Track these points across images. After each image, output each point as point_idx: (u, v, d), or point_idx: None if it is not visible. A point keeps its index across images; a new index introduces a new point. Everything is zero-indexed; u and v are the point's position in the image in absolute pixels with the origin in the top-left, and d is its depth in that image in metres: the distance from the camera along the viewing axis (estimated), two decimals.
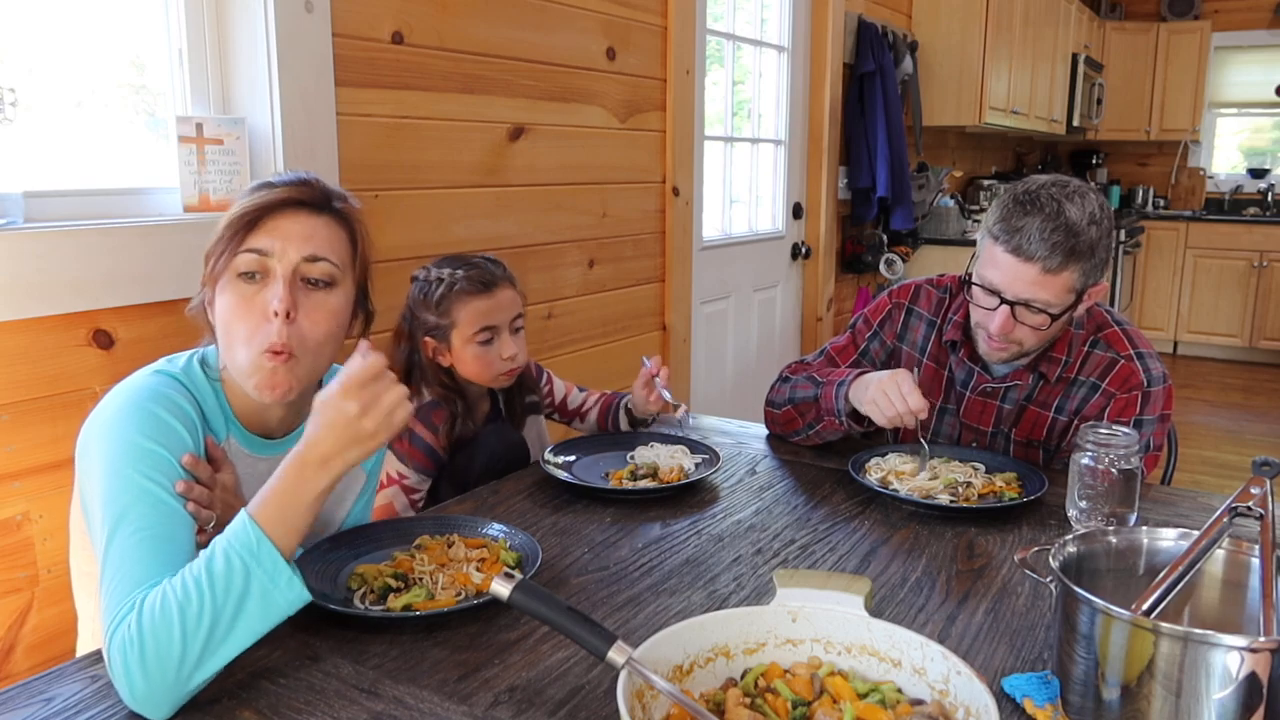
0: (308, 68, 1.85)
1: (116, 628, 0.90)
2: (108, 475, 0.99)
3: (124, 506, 0.97)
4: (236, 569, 0.91)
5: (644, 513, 1.45)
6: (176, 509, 1.00)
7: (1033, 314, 1.49)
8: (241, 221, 1.08)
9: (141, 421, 1.02)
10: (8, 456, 1.49)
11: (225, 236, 1.08)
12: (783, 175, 3.85)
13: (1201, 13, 6.90)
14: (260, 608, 0.92)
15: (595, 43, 2.61)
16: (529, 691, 0.96)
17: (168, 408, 1.05)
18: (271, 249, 1.08)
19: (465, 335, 1.63)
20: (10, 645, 1.52)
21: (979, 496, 1.47)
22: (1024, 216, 1.46)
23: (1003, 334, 1.52)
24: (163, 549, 0.97)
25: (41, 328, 1.51)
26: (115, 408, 1.04)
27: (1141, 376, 1.58)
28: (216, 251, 1.09)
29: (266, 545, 0.93)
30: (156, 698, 0.88)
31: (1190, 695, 0.81)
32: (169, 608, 0.90)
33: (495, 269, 1.68)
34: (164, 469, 1.01)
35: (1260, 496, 0.97)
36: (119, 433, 1.01)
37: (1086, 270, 1.48)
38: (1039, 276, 1.46)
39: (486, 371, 1.66)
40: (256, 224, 1.08)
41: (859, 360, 1.79)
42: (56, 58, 1.67)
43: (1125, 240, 6.12)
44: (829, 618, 0.90)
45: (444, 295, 1.63)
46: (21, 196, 1.54)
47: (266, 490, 0.97)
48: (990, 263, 1.51)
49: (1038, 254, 1.44)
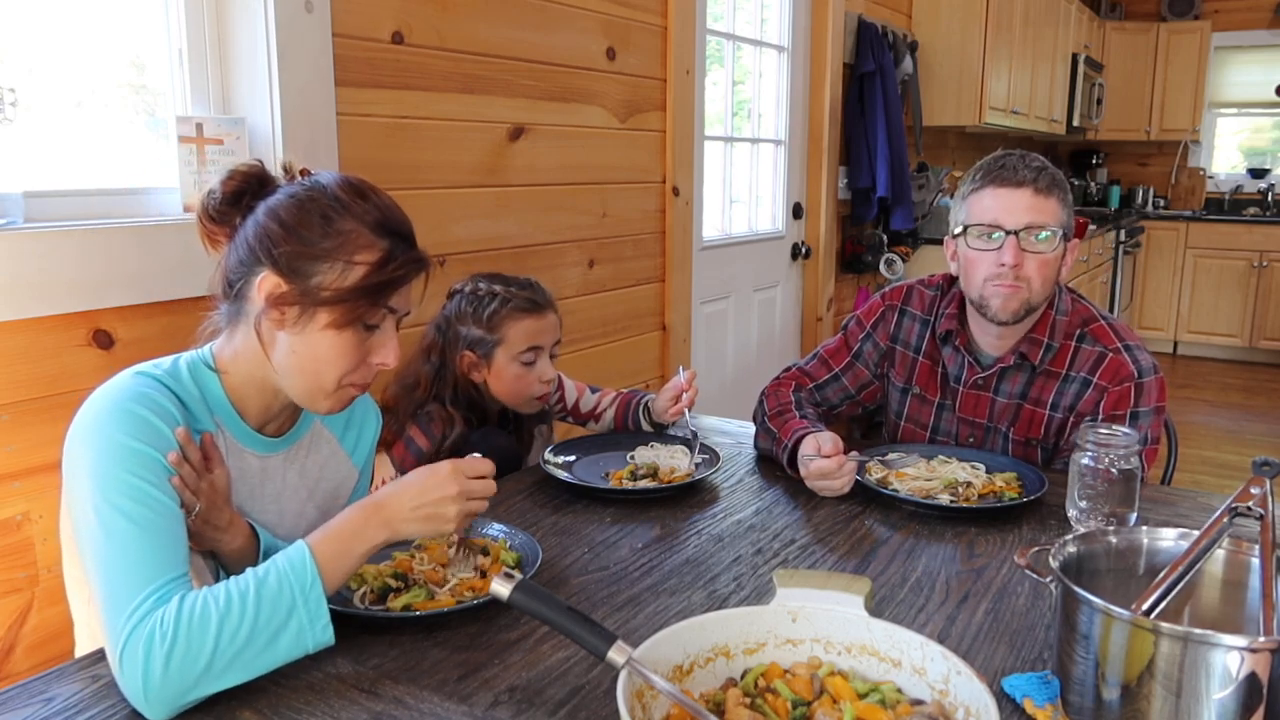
0: (308, 68, 1.85)
1: (140, 623, 0.90)
2: (96, 477, 0.99)
3: (116, 505, 0.97)
4: (284, 599, 0.94)
5: (644, 513, 1.45)
6: (169, 505, 1.00)
7: (1037, 240, 1.54)
8: (387, 282, 1.09)
9: (124, 422, 1.02)
10: (8, 456, 1.49)
11: (362, 287, 1.08)
12: (783, 175, 3.85)
13: (1201, 13, 6.90)
14: (291, 643, 0.94)
15: (595, 43, 2.61)
16: (529, 691, 0.96)
17: (150, 408, 1.04)
18: (399, 308, 1.13)
19: (512, 353, 1.63)
20: (10, 645, 1.52)
21: (979, 496, 1.47)
22: (1000, 160, 1.59)
23: (1015, 263, 1.53)
24: (161, 544, 0.97)
25: (41, 328, 1.51)
26: (96, 412, 1.03)
27: (1131, 368, 1.58)
28: (341, 293, 1.07)
29: (318, 585, 0.96)
30: (164, 698, 0.89)
31: (1190, 695, 0.81)
32: (208, 617, 0.91)
33: (545, 292, 1.70)
34: (152, 467, 1.01)
35: (1260, 496, 0.97)
36: (103, 435, 1.01)
37: (1066, 204, 1.58)
38: (1033, 198, 1.54)
39: (522, 393, 1.66)
40: (397, 288, 1.11)
41: (852, 362, 1.80)
42: (56, 58, 1.67)
43: (1125, 240, 6.13)
44: (829, 618, 0.90)
45: (496, 311, 1.63)
46: (21, 196, 1.54)
47: (331, 528, 1.01)
48: (980, 208, 1.58)
49: (1026, 178, 1.55)
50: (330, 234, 1.06)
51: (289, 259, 1.06)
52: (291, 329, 1.08)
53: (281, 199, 1.10)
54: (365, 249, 1.07)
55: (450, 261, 2.15)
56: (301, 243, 1.06)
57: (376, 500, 1.04)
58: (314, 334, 1.08)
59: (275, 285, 1.07)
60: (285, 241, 1.06)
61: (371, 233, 1.08)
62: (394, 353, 1.13)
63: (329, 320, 1.07)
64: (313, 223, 1.07)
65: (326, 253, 1.06)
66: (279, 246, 1.06)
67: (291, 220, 1.07)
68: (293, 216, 1.07)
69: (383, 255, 1.08)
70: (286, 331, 1.09)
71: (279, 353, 1.10)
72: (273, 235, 1.07)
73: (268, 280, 1.07)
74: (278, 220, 1.08)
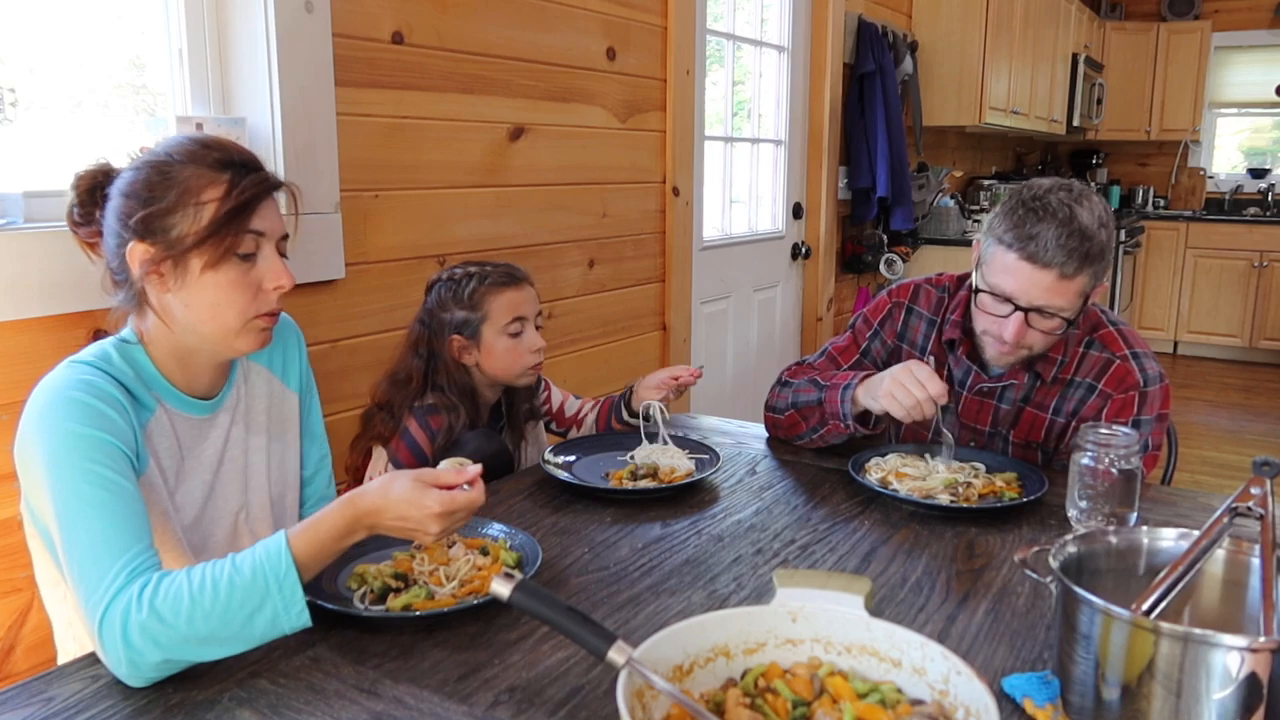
0: (308, 68, 1.85)
1: (113, 600, 0.94)
2: (51, 468, 1.01)
3: (75, 492, 1.00)
4: (258, 586, 0.97)
5: (644, 513, 1.45)
6: (128, 488, 1.03)
7: (1046, 319, 1.49)
8: (238, 207, 1.12)
9: (73, 411, 1.04)
10: (8, 456, 1.48)
11: (216, 221, 1.10)
12: (783, 175, 3.85)
13: (1201, 13, 6.90)
14: (265, 627, 0.97)
15: (595, 43, 2.61)
16: (529, 691, 0.96)
17: (94, 394, 1.06)
18: (266, 230, 1.15)
19: (498, 326, 1.66)
20: (10, 645, 1.52)
21: (979, 496, 1.47)
22: (1037, 223, 1.44)
23: (1016, 341, 1.51)
24: (126, 525, 1.00)
25: (41, 328, 1.50)
26: (43, 405, 1.05)
27: (1138, 376, 1.58)
28: (200, 233, 1.10)
29: (293, 575, 0.98)
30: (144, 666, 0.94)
31: (1190, 695, 0.81)
32: (180, 594, 0.94)
33: (517, 267, 1.74)
34: (107, 450, 1.03)
35: (1260, 496, 0.97)
36: (52, 427, 1.03)
37: (1096, 273, 1.48)
38: (1055, 283, 1.45)
39: (516, 364, 1.68)
40: (252, 210, 1.13)
41: (860, 360, 1.79)
42: (56, 58, 1.67)
43: (1125, 240, 6.12)
44: (829, 618, 0.90)
45: (475, 289, 1.66)
46: (21, 196, 1.54)
47: (313, 521, 1.03)
48: (1001, 269, 1.49)
49: (1055, 260, 1.43)
50: (172, 186, 1.11)
51: (144, 222, 1.11)
52: (175, 287, 1.12)
53: (124, 176, 1.15)
54: (208, 187, 1.11)
55: (450, 261, 2.15)
56: (149, 205, 1.11)
57: (361, 507, 1.05)
58: (195, 283, 1.12)
59: (144, 252, 1.11)
60: (135, 209, 1.11)
61: (211, 170, 1.12)
62: (283, 274, 1.16)
63: (202, 264, 1.11)
64: (152, 182, 1.12)
65: (175, 203, 1.11)
66: (131, 215, 1.11)
67: (135, 188, 1.12)
68: (136, 185, 1.12)
69: (227, 186, 1.11)
70: (171, 293, 1.13)
71: (177, 314, 1.14)
72: (125, 209, 1.12)
73: (135, 250, 1.11)
74: (124, 194, 1.13)
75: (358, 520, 1.05)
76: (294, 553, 0.99)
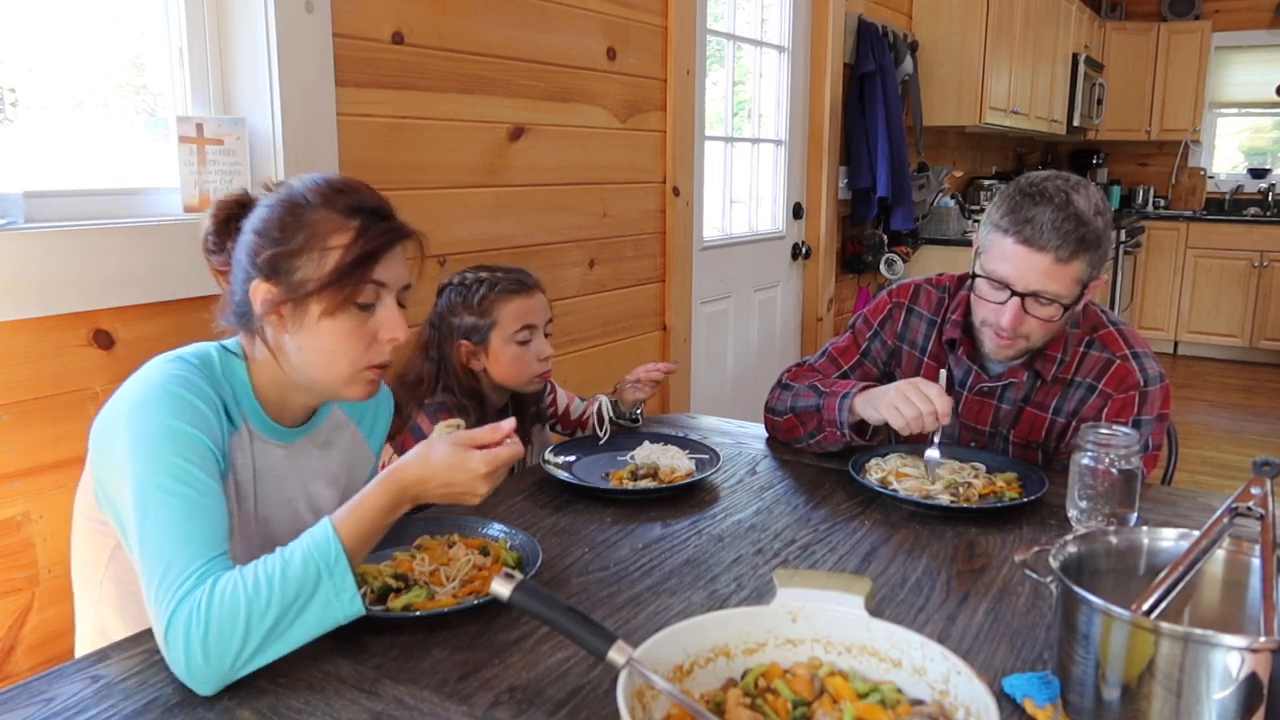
0: (308, 68, 1.85)
1: (180, 603, 0.94)
2: (138, 458, 1.01)
3: (159, 485, 1.00)
4: (310, 575, 0.97)
5: (644, 513, 1.45)
6: (213, 487, 1.03)
7: (1042, 306, 1.49)
8: (364, 256, 1.11)
9: (169, 405, 1.04)
10: (8, 456, 1.49)
11: (339, 269, 1.09)
12: (783, 175, 3.85)
13: (1202, 13, 6.89)
14: (319, 616, 0.97)
15: (595, 43, 2.61)
16: (529, 691, 0.96)
17: (194, 392, 1.07)
18: (388, 280, 1.13)
19: (506, 334, 1.66)
20: (10, 645, 1.52)
21: (979, 497, 1.47)
22: (1033, 207, 1.46)
23: (1013, 327, 1.51)
24: (204, 525, 1.00)
25: (41, 328, 1.51)
26: (140, 393, 1.06)
27: (1138, 376, 1.58)
28: (323, 280, 1.09)
29: (343, 560, 0.98)
30: (209, 678, 0.93)
31: (1190, 695, 0.81)
32: (237, 598, 0.94)
33: (531, 274, 1.73)
34: (198, 448, 1.04)
35: (1260, 496, 0.97)
36: (147, 416, 1.03)
37: (1093, 262, 1.49)
38: (1051, 267, 1.46)
39: (522, 372, 1.69)
40: (376, 260, 1.12)
41: (860, 360, 1.79)
42: (56, 58, 1.67)
43: (1125, 240, 6.12)
44: (829, 618, 0.90)
45: (485, 295, 1.66)
46: (21, 196, 1.54)
47: (355, 504, 1.03)
48: (999, 255, 1.50)
49: (1050, 243, 1.45)
50: (301, 228, 1.10)
51: (270, 262, 1.10)
52: (292, 329, 1.12)
53: (258, 212, 1.14)
54: (336, 233, 1.10)
55: (450, 261, 2.15)
56: (276, 244, 1.10)
57: (404, 481, 1.05)
58: (312, 328, 1.11)
59: (267, 291, 1.10)
60: (264, 248, 1.11)
61: (341, 216, 1.11)
62: (400, 326, 1.15)
63: (321, 310, 1.10)
64: (284, 223, 1.11)
65: (301, 246, 1.10)
66: (259, 254, 1.11)
67: (265, 226, 1.12)
68: (266, 223, 1.12)
69: (354, 234, 1.11)
70: (289, 333, 1.12)
71: (290, 354, 1.13)
72: (253, 245, 1.12)
73: (259, 289, 1.11)
74: (254, 231, 1.12)
75: (403, 493, 1.05)
76: (341, 538, 0.99)
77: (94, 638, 1.19)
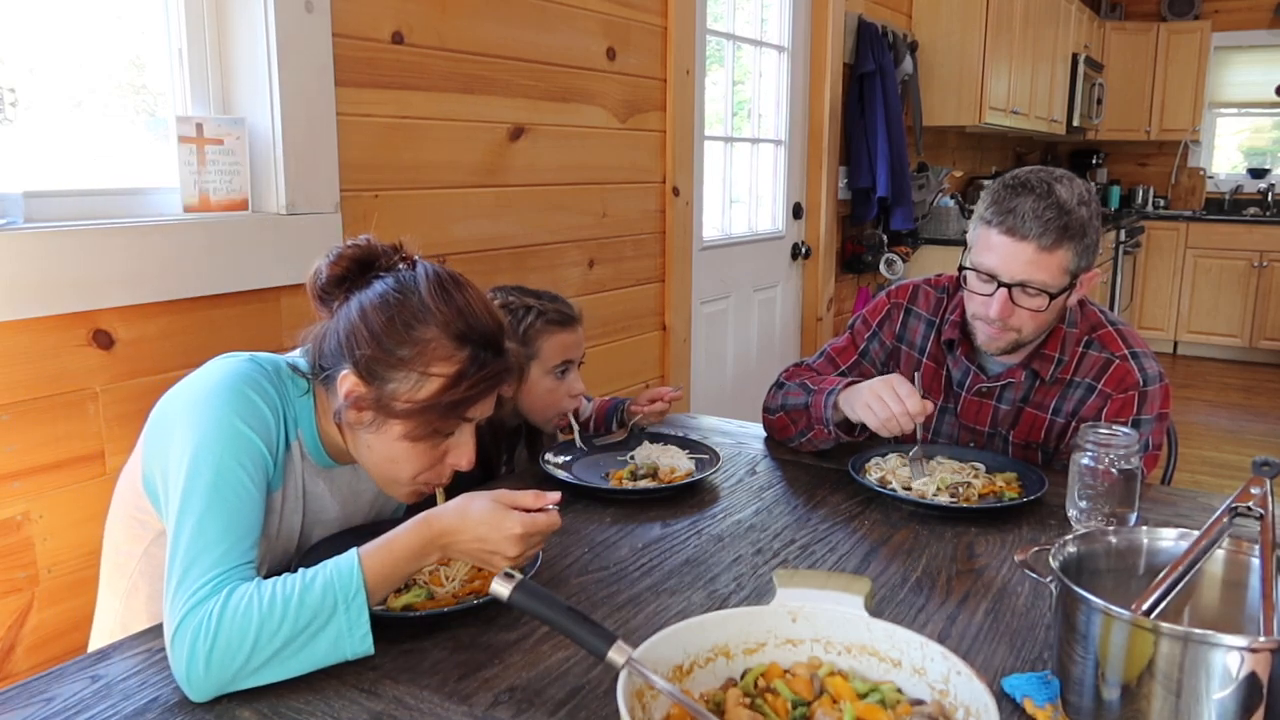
0: (308, 68, 1.85)
1: (193, 609, 0.94)
2: (196, 449, 1.02)
3: (207, 480, 1.00)
4: (326, 604, 0.96)
5: (644, 513, 1.45)
6: (254, 493, 1.03)
7: (1030, 296, 1.50)
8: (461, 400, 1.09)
9: (237, 402, 1.04)
10: (8, 456, 1.49)
11: (433, 404, 1.07)
12: (783, 175, 3.85)
13: (1201, 13, 6.90)
14: (327, 649, 0.96)
15: (595, 43, 2.61)
16: (529, 691, 0.96)
17: (261, 396, 1.07)
18: (475, 417, 1.13)
19: (546, 367, 1.62)
20: (10, 645, 1.52)
21: (979, 497, 1.47)
22: (1015, 198, 1.48)
23: (1002, 318, 1.52)
24: (238, 530, 1.00)
25: (41, 328, 1.51)
26: (213, 384, 1.06)
27: (1137, 376, 1.58)
28: (412, 406, 1.07)
29: (361, 595, 0.97)
30: (205, 688, 0.92)
31: (1190, 695, 0.81)
32: (250, 615, 0.93)
33: (570, 305, 1.69)
34: (253, 454, 1.04)
35: (1260, 496, 0.97)
36: (214, 409, 1.03)
37: (1079, 251, 1.50)
38: (1035, 255, 1.47)
39: (552, 406, 1.65)
40: (476, 403, 1.10)
41: (859, 361, 1.79)
42: (56, 58, 1.67)
43: (1125, 240, 6.12)
44: (829, 618, 0.90)
45: (531, 324, 1.61)
46: (21, 196, 1.54)
47: (385, 542, 1.03)
48: (985, 247, 1.52)
49: (1032, 232, 1.47)
50: (409, 341, 1.06)
51: (368, 363, 1.06)
52: (367, 430, 1.10)
53: (373, 297, 1.09)
54: (443, 360, 1.07)
55: (450, 262, 2.15)
56: (381, 349, 1.06)
57: (437, 529, 1.04)
58: (387, 437, 1.09)
59: (354, 385, 1.07)
60: (366, 345, 1.06)
61: (452, 342, 1.07)
62: (469, 457, 1.13)
63: (402, 431, 1.08)
64: (394, 328, 1.06)
65: (404, 361, 1.06)
66: (360, 349, 1.07)
67: (375, 324, 1.07)
68: (377, 319, 1.07)
69: (459, 369, 1.07)
70: (363, 430, 1.10)
71: (357, 443, 1.13)
72: (357, 336, 1.07)
73: (348, 379, 1.07)
74: (364, 320, 1.07)
75: (433, 541, 1.04)
76: (365, 572, 0.98)
77: (115, 630, 1.19)
